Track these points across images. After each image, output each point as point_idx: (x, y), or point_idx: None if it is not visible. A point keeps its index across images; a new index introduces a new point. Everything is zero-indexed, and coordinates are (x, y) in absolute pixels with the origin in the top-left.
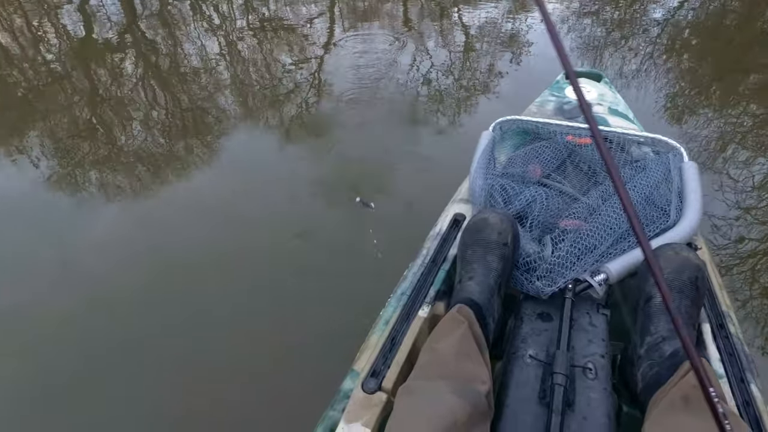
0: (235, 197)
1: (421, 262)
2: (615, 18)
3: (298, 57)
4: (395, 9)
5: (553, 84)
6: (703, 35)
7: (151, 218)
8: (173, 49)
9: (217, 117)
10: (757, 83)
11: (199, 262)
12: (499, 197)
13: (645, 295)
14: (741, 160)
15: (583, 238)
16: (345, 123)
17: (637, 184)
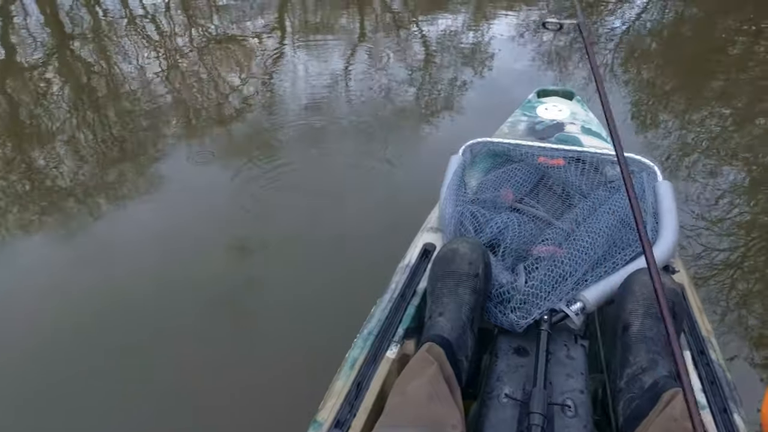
0: (172, 228)
1: (389, 297)
2: (574, 28)
3: (246, 74)
4: (351, 23)
5: (524, 103)
6: (662, 45)
7: (83, 253)
8: (108, 69)
9: (155, 140)
10: (717, 90)
11: (135, 297)
12: (470, 225)
13: (623, 323)
14: (706, 169)
15: (557, 265)
16: (296, 146)
17: (613, 205)
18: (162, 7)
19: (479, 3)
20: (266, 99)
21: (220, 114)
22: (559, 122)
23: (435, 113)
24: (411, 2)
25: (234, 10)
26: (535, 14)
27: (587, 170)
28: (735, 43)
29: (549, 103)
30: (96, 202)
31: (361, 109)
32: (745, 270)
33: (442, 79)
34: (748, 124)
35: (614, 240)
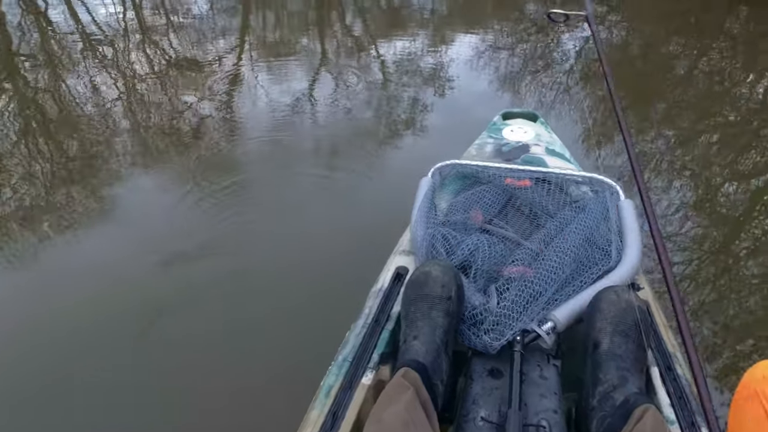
0: (123, 258)
1: (363, 322)
2: (528, 52)
3: (205, 96)
4: (312, 44)
5: (490, 125)
6: (612, 67)
7: (29, 286)
8: (58, 91)
9: (108, 166)
10: (663, 110)
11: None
12: (442, 247)
13: (592, 341)
14: (657, 186)
15: (528, 286)
16: (258, 167)
17: (578, 224)
18: (120, 30)
19: (438, 25)
20: (226, 121)
21: (178, 136)
22: (524, 144)
23: (397, 134)
24: (371, 24)
25: (193, 31)
26: (490, 37)
27: (553, 191)
28: (678, 65)
29: (514, 125)
30: (41, 227)
31: (323, 131)
32: (699, 282)
33: (403, 101)
34: (692, 142)
35: (581, 259)
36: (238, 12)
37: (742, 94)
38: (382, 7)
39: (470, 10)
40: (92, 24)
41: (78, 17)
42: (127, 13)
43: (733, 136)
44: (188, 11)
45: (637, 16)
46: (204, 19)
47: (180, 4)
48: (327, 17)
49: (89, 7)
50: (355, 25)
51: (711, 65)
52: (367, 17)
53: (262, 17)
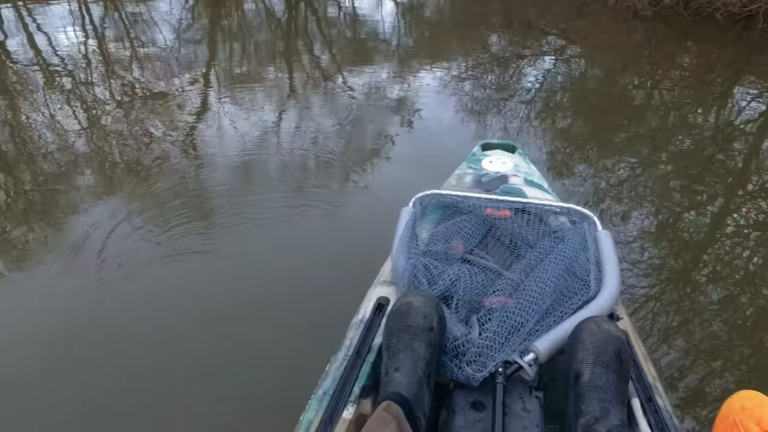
0: (83, 300)
1: (344, 354)
2: (492, 83)
3: (170, 129)
4: (280, 77)
5: (470, 156)
6: (572, 98)
7: None
8: (18, 125)
9: (69, 200)
10: (623, 140)
11: None
12: (423, 278)
13: (574, 372)
14: (617, 212)
15: (509, 316)
16: (226, 202)
17: (558, 255)
18: (83, 61)
19: (404, 57)
20: (191, 153)
21: (142, 168)
22: (503, 174)
23: (369, 164)
24: (339, 55)
25: (158, 62)
26: (455, 69)
27: (532, 221)
28: (635, 96)
29: (493, 155)
30: None
31: (293, 162)
32: (662, 306)
33: (374, 131)
34: (651, 170)
35: (561, 289)
36: (204, 42)
37: (694, 123)
38: (349, 38)
39: (435, 43)
40: (53, 54)
41: (38, 48)
42: (89, 43)
43: (686, 164)
44: (153, 41)
45: (593, 49)
46: (169, 50)
47: (145, 35)
48: (294, 48)
49: (50, 37)
50: (323, 56)
51: (664, 96)
52: (335, 49)
53: (229, 48)
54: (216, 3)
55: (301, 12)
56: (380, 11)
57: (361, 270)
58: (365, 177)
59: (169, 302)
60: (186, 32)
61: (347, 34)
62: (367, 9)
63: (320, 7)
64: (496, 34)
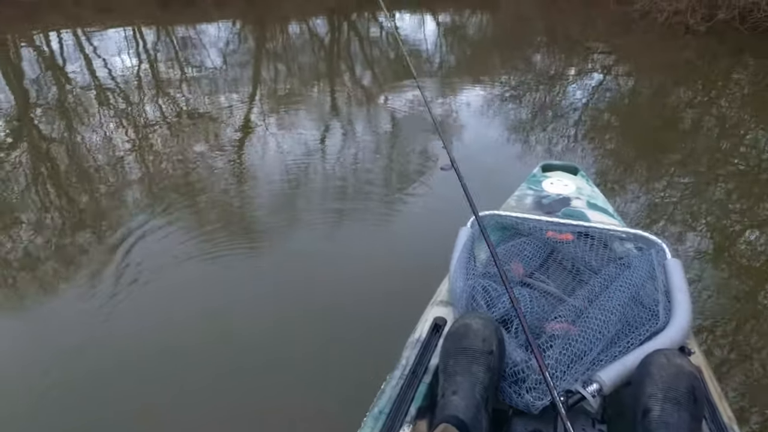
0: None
1: (400, 374)
2: (537, 102)
3: (216, 148)
4: (322, 97)
5: (530, 177)
6: (621, 118)
7: (42, 341)
8: (71, 141)
9: (122, 215)
10: (674, 160)
11: None
12: (482, 300)
13: (642, 407)
14: (679, 235)
15: (572, 344)
16: (272, 222)
17: (623, 282)
18: (135, 83)
19: (445, 77)
20: (239, 171)
21: (193, 186)
22: (565, 197)
23: (413, 182)
24: (381, 76)
25: (206, 83)
26: (498, 87)
27: (596, 246)
28: (689, 115)
29: (554, 177)
30: (48, 274)
31: (343, 180)
32: (740, 338)
33: (413, 150)
34: (706, 191)
35: (627, 319)
36: (250, 64)
37: (753, 143)
38: (391, 58)
39: (478, 62)
40: (108, 77)
41: (94, 70)
42: (141, 66)
43: (746, 185)
44: (202, 64)
45: (642, 67)
46: (217, 71)
47: (194, 58)
48: (337, 68)
49: (106, 61)
50: (365, 76)
51: (720, 115)
52: (377, 68)
53: (274, 69)
54: (261, 26)
55: (344, 33)
56: (422, 31)
57: (416, 288)
58: (410, 195)
59: (225, 314)
60: (233, 55)
61: (390, 54)
62: (409, 29)
63: (363, 28)
64: (539, 52)
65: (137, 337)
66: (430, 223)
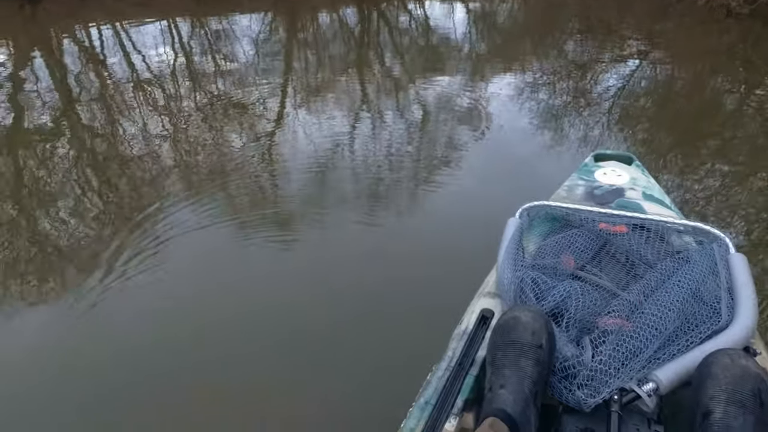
0: (185, 297)
1: (447, 365)
2: (570, 90)
3: (250, 137)
4: (356, 85)
5: (581, 167)
6: (656, 103)
7: (86, 324)
8: (112, 132)
9: (161, 202)
10: (712, 147)
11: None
12: (531, 292)
13: (702, 409)
14: (735, 225)
15: (626, 340)
16: (313, 207)
17: (682, 278)
18: (170, 75)
19: (475, 65)
20: (276, 160)
21: (226, 173)
22: (618, 187)
23: (455, 170)
24: (411, 64)
25: (239, 74)
26: (530, 74)
27: (652, 239)
28: (727, 102)
29: (607, 167)
30: (96, 265)
31: (387, 170)
32: None
33: (445, 139)
34: (747, 181)
35: (686, 316)
36: (281, 54)
37: None
38: (421, 46)
39: (509, 49)
40: (146, 69)
41: (133, 64)
42: (177, 57)
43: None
44: (234, 54)
45: (681, 53)
46: (249, 61)
47: (227, 48)
48: (367, 57)
49: (143, 53)
50: (395, 65)
51: (761, 102)
52: (407, 57)
53: (304, 58)
54: (292, 16)
55: (374, 22)
56: (452, 19)
57: (461, 279)
58: (452, 183)
59: (268, 304)
60: (264, 45)
61: (419, 42)
62: (439, 17)
63: (392, 17)
64: (572, 39)
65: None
66: (473, 212)
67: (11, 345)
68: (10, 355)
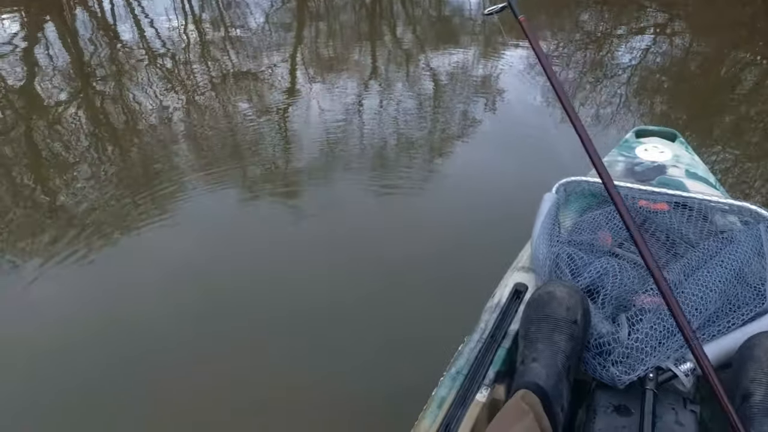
0: (202, 259)
1: (479, 337)
2: (584, 62)
3: (259, 109)
4: (363, 59)
5: (622, 142)
6: (673, 78)
7: (107, 286)
8: (125, 102)
9: (173, 171)
10: (729, 124)
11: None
12: (566, 268)
13: (742, 391)
14: None
15: (664, 319)
16: (314, 180)
17: (725, 258)
18: (181, 43)
19: (488, 36)
20: (286, 132)
21: (251, 147)
22: (660, 164)
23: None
24: (422, 35)
25: (250, 44)
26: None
27: (694, 218)
28: (746, 78)
29: (649, 143)
30: (110, 234)
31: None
32: None
33: (459, 113)
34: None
35: (728, 297)
36: (293, 26)
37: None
38: (433, 16)
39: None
40: (156, 37)
41: (144, 32)
42: (187, 27)
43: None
44: (245, 24)
45: (701, 24)
46: (260, 31)
47: (238, 18)
48: (379, 28)
49: (154, 21)
50: (406, 36)
51: None
52: (419, 28)
53: (315, 29)
54: None
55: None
56: None
57: (494, 254)
58: (490, 156)
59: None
60: (275, 14)
61: (432, 12)
62: None
63: None
64: (588, 10)
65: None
66: (507, 186)
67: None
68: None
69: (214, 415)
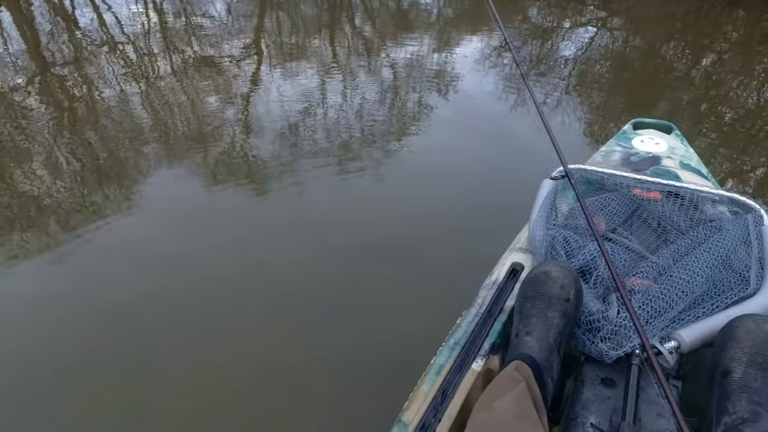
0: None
1: (476, 311)
2: (533, 55)
3: (223, 97)
4: (324, 48)
5: (619, 133)
6: (612, 70)
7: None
8: (87, 93)
9: (136, 161)
10: (666, 111)
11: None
12: (561, 250)
13: (722, 368)
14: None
15: (652, 300)
16: (278, 171)
17: (713, 245)
18: (142, 32)
19: (442, 29)
20: (263, 119)
21: (207, 135)
22: (655, 155)
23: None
24: (384, 28)
25: (211, 34)
26: (496, 38)
27: (685, 206)
28: (678, 68)
29: (645, 135)
30: (74, 221)
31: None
32: None
33: (415, 101)
34: (694, 142)
35: (714, 281)
36: (254, 16)
37: (739, 95)
38: (392, 9)
39: (475, 14)
40: (116, 26)
41: (104, 20)
42: (149, 15)
43: (731, 137)
44: (207, 14)
45: (637, 20)
46: (222, 22)
47: (199, 8)
48: (339, 19)
49: (113, 9)
50: (366, 27)
51: (710, 68)
52: (378, 20)
53: (277, 20)
54: None
55: None
56: None
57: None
58: (492, 140)
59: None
60: (237, 4)
61: (390, 5)
62: None
63: None
64: (536, 5)
65: None
66: (504, 170)
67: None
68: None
69: (200, 396)
